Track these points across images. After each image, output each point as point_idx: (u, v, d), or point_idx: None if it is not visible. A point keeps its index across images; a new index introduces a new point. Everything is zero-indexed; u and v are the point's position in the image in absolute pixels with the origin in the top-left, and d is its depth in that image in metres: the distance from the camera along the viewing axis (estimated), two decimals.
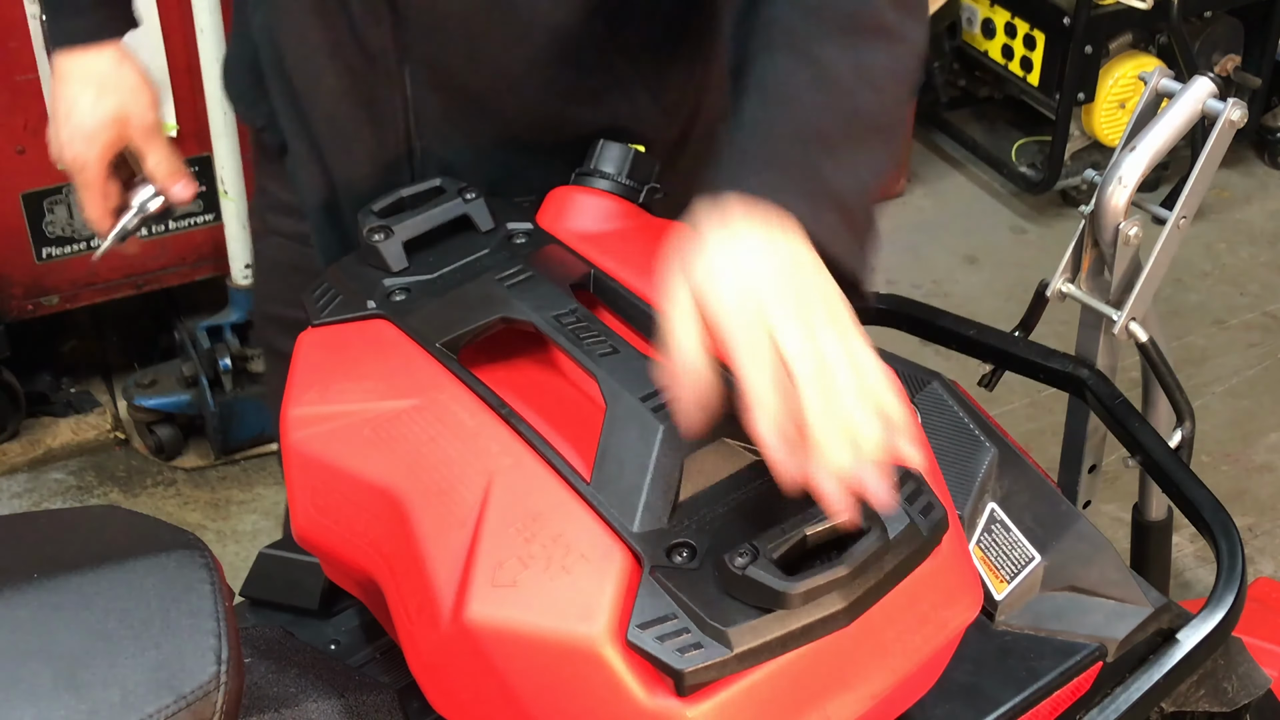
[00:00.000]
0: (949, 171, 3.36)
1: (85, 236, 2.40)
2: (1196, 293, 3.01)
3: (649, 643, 0.88)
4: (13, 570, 0.88)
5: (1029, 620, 1.22)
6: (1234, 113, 1.47)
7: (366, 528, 1.02)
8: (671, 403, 0.94)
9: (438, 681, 0.97)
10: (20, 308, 2.43)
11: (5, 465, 2.53)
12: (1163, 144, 1.49)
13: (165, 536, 0.93)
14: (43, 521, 0.98)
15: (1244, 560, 1.25)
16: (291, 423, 1.06)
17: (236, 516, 2.47)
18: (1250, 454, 2.64)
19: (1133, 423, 1.38)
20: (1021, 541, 1.24)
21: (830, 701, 0.94)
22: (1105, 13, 2.97)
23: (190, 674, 0.84)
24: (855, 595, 0.90)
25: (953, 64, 3.33)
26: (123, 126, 1.43)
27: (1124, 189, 1.50)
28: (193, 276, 2.53)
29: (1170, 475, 1.33)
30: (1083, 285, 1.57)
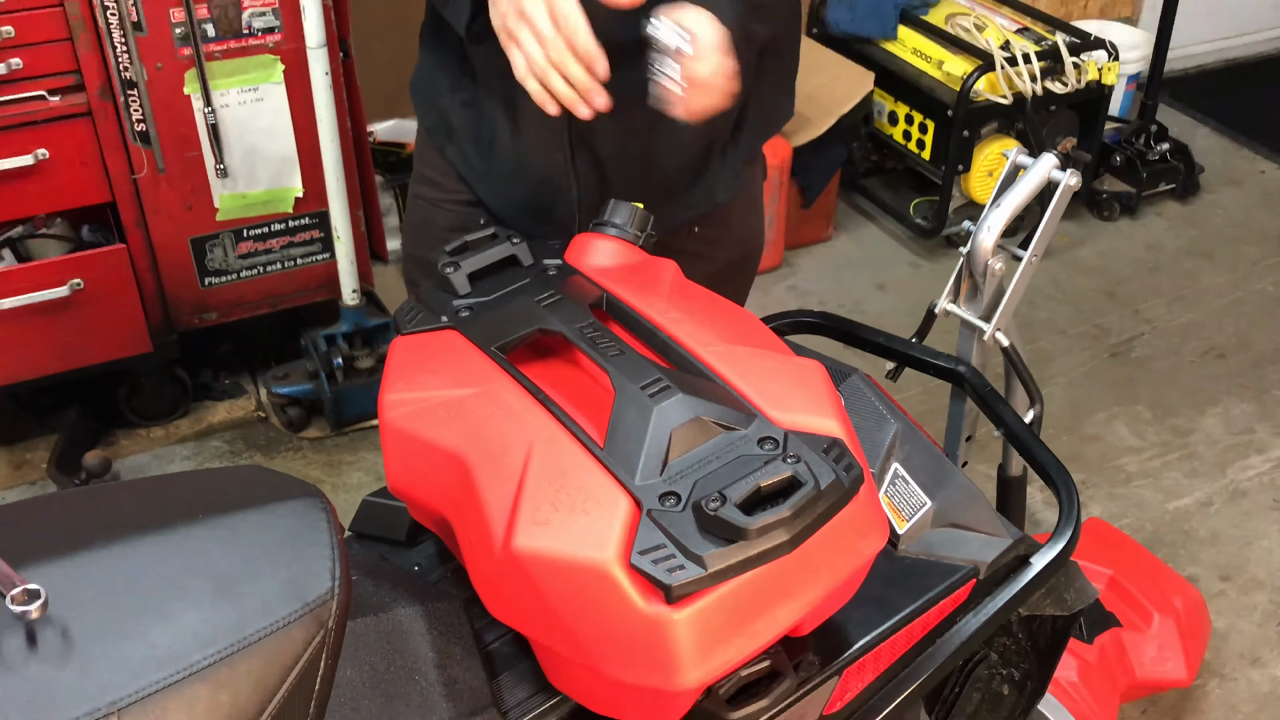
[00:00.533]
0: (865, 223, 3.36)
1: (236, 269, 2.41)
2: (1044, 310, 3.01)
3: (646, 565, 0.88)
4: (185, 511, 0.89)
5: (922, 548, 1.22)
6: (1072, 180, 1.48)
7: (440, 481, 1.02)
8: None
9: (492, 594, 0.97)
10: (189, 321, 2.44)
11: (178, 436, 2.54)
12: (1020, 202, 1.49)
13: (294, 487, 0.94)
14: (205, 477, 0.99)
15: (1079, 505, 1.26)
16: (386, 405, 1.06)
17: (346, 473, 2.47)
18: (1083, 428, 2.64)
19: (998, 405, 1.39)
20: (917, 491, 1.24)
21: (778, 607, 0.94)
22: (977, 107, 2.97)
23: (312, 587, 0.84)
24: (796, 530, 0.91)
25: (867, 144, 3.33)
26: None
27: (991, 234, 1.50)
28: (314, 299, 2.54)
29: (1025, 443, 1.34)
30: (961, 305, 1.57)
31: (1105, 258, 3.24)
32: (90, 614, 0.79)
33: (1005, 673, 1.40)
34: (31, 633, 0.76)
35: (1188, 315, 3.02)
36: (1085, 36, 3.09)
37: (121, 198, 2.24)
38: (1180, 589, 1.91)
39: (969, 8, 3.21)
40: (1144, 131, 3.41)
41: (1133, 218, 3.40)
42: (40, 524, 0.89)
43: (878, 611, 1.14)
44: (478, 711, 1.00)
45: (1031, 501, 2.27)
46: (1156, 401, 2.72)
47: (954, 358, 1.47)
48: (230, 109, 2.24)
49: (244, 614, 0.81)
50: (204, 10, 2.13)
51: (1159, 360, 2.86)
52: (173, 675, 0.76)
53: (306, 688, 0.83)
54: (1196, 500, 2.46)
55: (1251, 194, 3.54)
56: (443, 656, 1.03)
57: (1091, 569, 1.87)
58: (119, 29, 2.08)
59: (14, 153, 2.11)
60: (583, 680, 0.99)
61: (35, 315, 2.21)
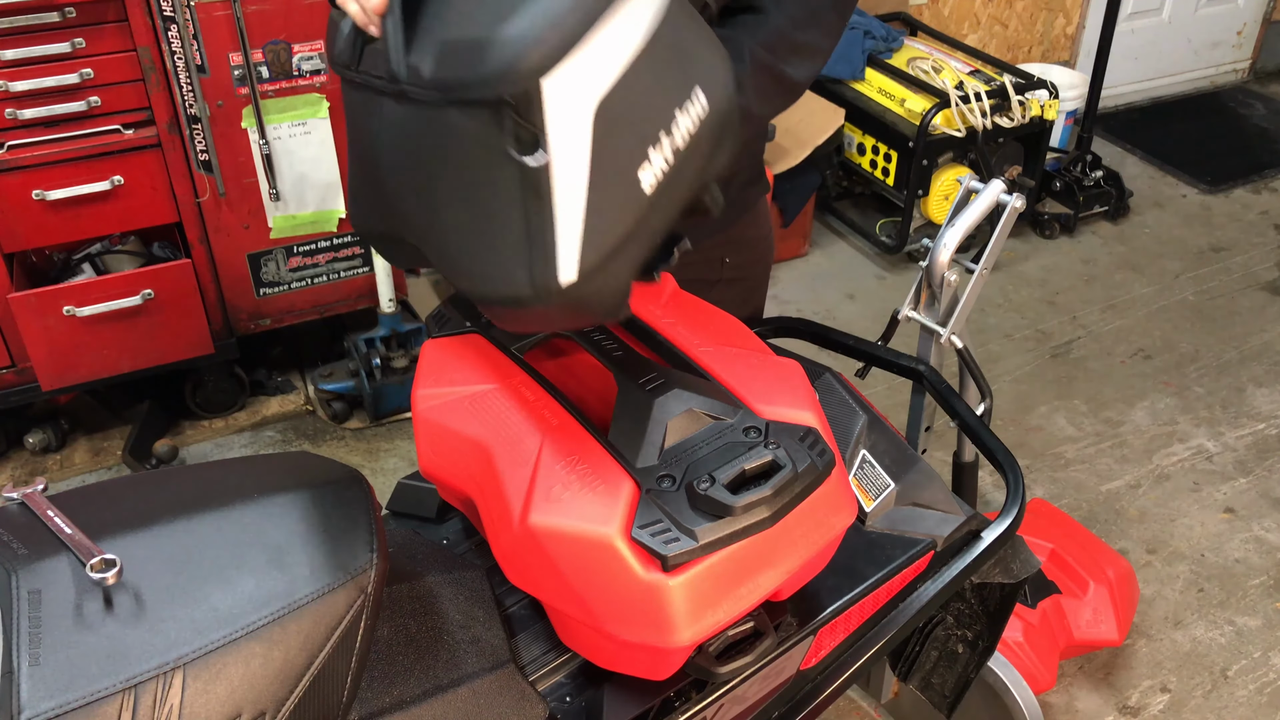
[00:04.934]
0: (836, 240, 3.35)
1: (287, 281, 2.41)
2: (994, 317, 3.01)
3: (645, 538, 0.88)
4: (242, 492, 0.89)
5: (887, 524, 1.22)
6: (1017, 202, 1.47)
7: (465, 466, 1.02)
8: None
9: (511, 564, 0.98)
10: (246, 327, 2.43)
11: (236, 427, 2.53)
12: (972, 222, 1.49)
13: (338, 471, 0.94)
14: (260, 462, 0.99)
15: (1024, 487, 1.26)
16: (419, 399, 1.06)
17: (383, 459, 2.46)
18: (1027, 420, 2.63)
19: (953, 399, 1.38)
20: (882, 474, 1.23)
21: (760, 575, 0.94)
22: (935, 139, 2.97)
23: (353, 558, 0.84)
24: (776, 507, 0.90)
25: (839, 171, 3.32)
26: None
27: (948, 250, 1.49)
28: (355, 307, 2.53)
29: (977, 433, 1.34)
30: (921, 311, 1.57)
31: (1047, 271, 3.23)
32: (159, 580, 0.79)
33: (960, 633, 1.40)
34: (108, 596, 0.76)
35: (1119, 321, 3.01)
36: (1029, 77, 3.09)
37: (187, 218, 2.24)
38: (1112, 560, 1.91)
39: (927, 52, 3.21)
40: (1080, 160, 3.41)
41: (1071, 236, 3.39)
42: (116, 502, 0.89)
43: (848, 579, 1.14)
44: (498, 666, 1.00)
45: (982, 484, 2.27)
46: (1091, 396, 2.72)
47: (914, 358, 1.47)
48: (282, 141, 2.24)
49: (294, 581, 0.81)
50: (259, 55, 2.13)
51: (1093, 360, 2.85)
52: (232, 634, 0.77)
53: (348, 645, 0.83)
54: (1126, 483, 2.46)
55: (1174, 215, 3.53)
56: (467, 618, 1.03)
57: (1035, 543, 1.86)
58: (185, 71, 2.08)
59: (93, 179, 2.11)
60: (590, 639, 0.98)
61: (112, 321, 2.21)
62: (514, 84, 0.76)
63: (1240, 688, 1.99)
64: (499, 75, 0.76)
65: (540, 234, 0.80)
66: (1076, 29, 3.95)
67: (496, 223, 0.81)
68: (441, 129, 0.81)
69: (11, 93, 1.98)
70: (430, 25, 0.81)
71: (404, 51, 0.81)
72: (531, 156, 0.77)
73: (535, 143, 0.77)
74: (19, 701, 0.69)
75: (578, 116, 0.79)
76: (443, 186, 0.84)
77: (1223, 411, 2.68)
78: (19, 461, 2.42)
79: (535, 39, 0.75)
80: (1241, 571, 2.23)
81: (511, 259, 0.82)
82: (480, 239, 0.83)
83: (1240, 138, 4.00)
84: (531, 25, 0.76)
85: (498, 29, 0.76)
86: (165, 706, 0.73)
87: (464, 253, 0.85)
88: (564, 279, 0.81)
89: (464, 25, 0.78)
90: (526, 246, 0.81)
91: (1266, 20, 4.35)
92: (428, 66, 0.79)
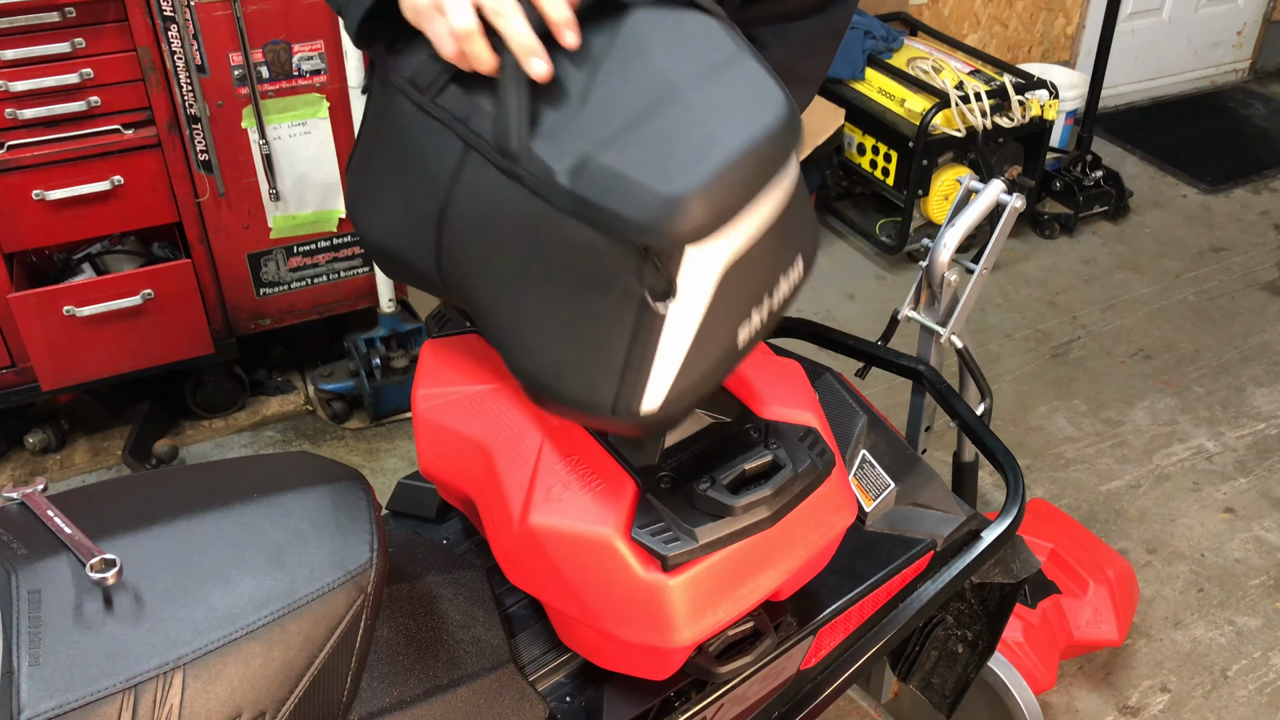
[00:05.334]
0: (837, 240, 3.35)
1: (287, 281, 2.41)
2: (994, 316, 3.01)
3: (645, 538, 0.88)
4: (242, 492, 0.89)
5: (887, 524, 1.22)
6: (1017, 203, 1.47)
7: (466, 466, 1.02)
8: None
9: (511, 563, 0.98)
10: (246, 327, 2.43)
11: (236, 427, 2.53)
12: (972, 222, 1.49)
13: (338, 471, 0.94)
14: (260, 461, 0.99)
15: (1024, 487, 1.26)
16: (419, 399, 1.06)
17: (383, 459, 2.46)
18: (1027, 420, 2.63)
19: (953, 399, 1.38)
20: (882, 474, 1.23)
21: (760, 575, 0.94)
22: (935, 139, 2.97)
23: (354, 557, 0.84)
24: (775, 508, 0.90)
25: (839, 171, 3.33)
26: None
27: (947, 250, 1.49)
28: (355, 307, 2.53)
29: (977, 433, 1.34)
30: (921, 311, 1.57)
31: (1047, 271, 3.23)
32: (159, 580, 0.79)
33: (960, 633, 1.40)
34: (108, 596, 0.76)
35: (1118, 321, 3.01)
36: (1029, 77, 3.09)
37: (187, 218, 2.24)
38: (1112, 560, 1.91)
39: (927, 52, 3.21)
40: (1080, 160, 3.41)
41: (1071, 236, 3.39)
42: (116, 502, 0.89)
43: (848, 579, 1.14)
44: (498, 666, 1.00)
45: (982, 484, 2.27)
46: (1091, 396, 2.72)
47: (914, 358, 1.47)
48: (282, 141, 2.24)
49: (294, 580, 0.81)
50: (259, 55, 2.13)
51: (1093, 360, 2.85)
52: (231, 634, 0.76)
53: (348, 645, 0.83)
54: (1126, 483, 2.46)
55: (1174, 215, 3.53)
56: (468, 618, 1.03)
57: (1035, 543, 1.86)
58: (185, 71, 2.08)
59: (93, 179, 2.11)
60: (590, 639, 0.98)
61: (112, 321, 2.21)
62: (667, 243, 0.75)
63: (1240, 688, 1.99)
64: (655, 229, 0.74)
65: (637, 366, 0.81)
66: (1076, 29, 3.95)
67: (591, 339, 0.81)
68: (557, 233, 0.78)
69: (11, 93, 1.98)
70: (564, 121, 0.78)
71: (526, 133, 0.78)
72: (661, 303, 0.77)
73: (667, 292, 0.78)
74: (19, 701, 0.69)
75: (706, 276, 0.79)
76: (534, 279, 0.81)
77: (1223, 411, 2.68)
78: (19, 461, 2.42)
79: (703, 211, 0.74)
80: (1241, 571, 2.23)
81: (598, 375, 0.82)
82: (565, 344, 0.82)
83: (1240, 138, 4.00)
84: (702, 192, 0.74)
85: (665, 184, 0.73)
86: (165, 706, 0.73)
87: (538, 346, 0.83)
88: (645, 409, 0.83)
89: (619, 150, 0.75)
90: (619, 372, 0.81)
91: (1267, 20, 4.35)
92: (564, 173, 0.76)
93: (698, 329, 0.81)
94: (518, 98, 0.78)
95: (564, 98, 0.79)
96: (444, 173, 0.84)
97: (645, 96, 0.78)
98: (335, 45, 2.17)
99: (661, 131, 0.76)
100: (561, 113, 0.78)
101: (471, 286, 0.87)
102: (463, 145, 0.82)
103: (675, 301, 0.79)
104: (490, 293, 0.85)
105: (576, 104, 0.78)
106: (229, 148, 2.19)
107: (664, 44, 0.81)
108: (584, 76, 0.79)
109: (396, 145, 0.88)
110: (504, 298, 0.84)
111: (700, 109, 0.77)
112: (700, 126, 0.76)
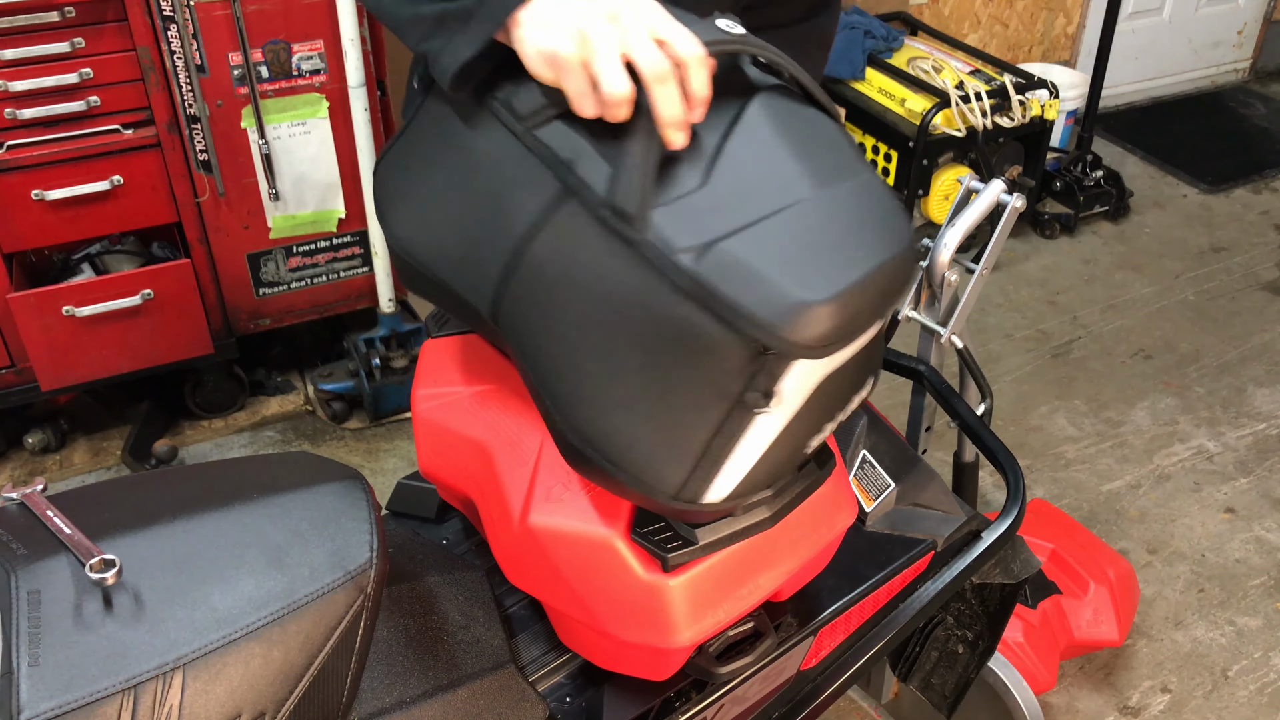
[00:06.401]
0: None
1: (286, 281, 2.41)
2: (994, 316, 3.01)
3: (646, 539, 0.88)
4: (242, 492, 0.88)
5: (887, 525, 1.22)
6: (1017, 203, 1.47)
7: (465, 466, 1.02)
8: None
9: (511, 564, 0.98)
10: (245, 327, 2.43)
11: (236, 427, 2.53)
12: (972, 222, 1.49)
13: (338, 471, 0.93)
14: (260, 462, 0.98)
15: (1024, 487, 1.26)
16: (418, 399, 1.06)
17: (383, 459, 2.46)
18: (1028, 420, 2.63)
19: (953, 400, 1.38)
20: (883, 475, 1.23)
21: (760, 575, 0.94)
22: (935, 139, 2.97)
23: (353, 558, 0.84)
24: (776, 508, 0.90)
25: None
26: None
27: (948, 250, 1.50)
28: (355, 306, 2.53)
29: (977, 433, 1.34)
30: (921, 311, 1.57)
31: (1047, 271, 3.23)
32: (159, 580, 0.79)
33: (960, 634, 1.40)
34: (107, 597, 0.76)
35: (1119, 321, 3.01)
36: (1029, 77, 3.09)
37: (186, 218, 2.24)
38: (1113, 561, 1.91)
39: (927, 52, 3.21)
40: (1081, 160, 3.41)
41: (1071, 236, 3.39)
42: (115, 503, 0.89)
43: (848, 580, 1.14)
44: (498, 666, 1.00)
45: (982, 484, 2.27)
46: (1092, 397, 2.72)
47: (915, 358, 1.47)
48: (281, 140, 2.24)
49: (293, 581, 0.81)
50: (259, 55, 2.13)
51: (1094, 360, 2.85)
52: (231, 634, 0.76)
53: (348, 646, 0.83)
54: (1127, 483, 2.46)
55: (1174, 215, 3.53)
56: (467, 618, 1.03)
57: (1035, 543, 1.86)
58: (184, 71, 2.08)
59: (92, 179, 2.11)
60: (590, 639, 0.98)
61: (111, 321, 2.21)
62: (786, 349, 0.71)
63: (1241, 688, 1.99)
64: (779, 332, 0.70)
65: (713, 459, 0.79)
66: (1077, 29, 3.95)
67: (672, 424, 0.77)
68: (660, 309, 0.72)
69: (11, 93, 1.98)
70: (686, 195, 0.74)
71: (650, 199, 0.73)
72: (761, 407, 0.76)
73: (769, 396, 0.75)
74: (19, 701, 0.69)
75: (803, 387, 0.78)
76: (619, 348, 0.76)
77: (1223, 411, 2.68)
78: (18, 461, 2.42)
79: (830, 323, 0.71)
80: (1242, 572, 2.23)
81: (670, 459, 0.79)
82: (640, 421, 0.78)
83: (1240, 138, 4.00)
84: (834, 305, 0.71)
85: (799, 289, 0.71)
86: (165, 707, 0.73)
87: (607, 416, 0.79)
88: (709, 500, 0.82)
89: (748, 240, 0.72)
90: (694, 461, 0.79)
91: (1267, 20, 4.35)
92: (687, 251, 0.71)
93: (777, 436, 0.80)
94: (646, 160, 0.73)
95: (688, 171, 0.75)
96: (528, 212, 0.78)
97: (774, 192, 0.74)
98: (335, 45, 2.17)
99: (793, 233, 0.73)
100: (684, 186, 0.74)
101: (535, 337, 0.81)
102: (559, 187, 0.76)
103: (772, 407, 0.77)
104: (559, 350, 0.80)
105: (700, 181, 0.75)
106: (228, 148, 2.19)
107: (792, 140, 0.78)
108: (707, 152, 0.76)
109: (465, 162, 0.83)
110: (577, 359, 0.79)
111: (833, 218, 0.74)
112: (834, 236, 0.73)
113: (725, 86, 0.79)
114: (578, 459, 0.84)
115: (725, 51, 0.76)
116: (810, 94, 0.83)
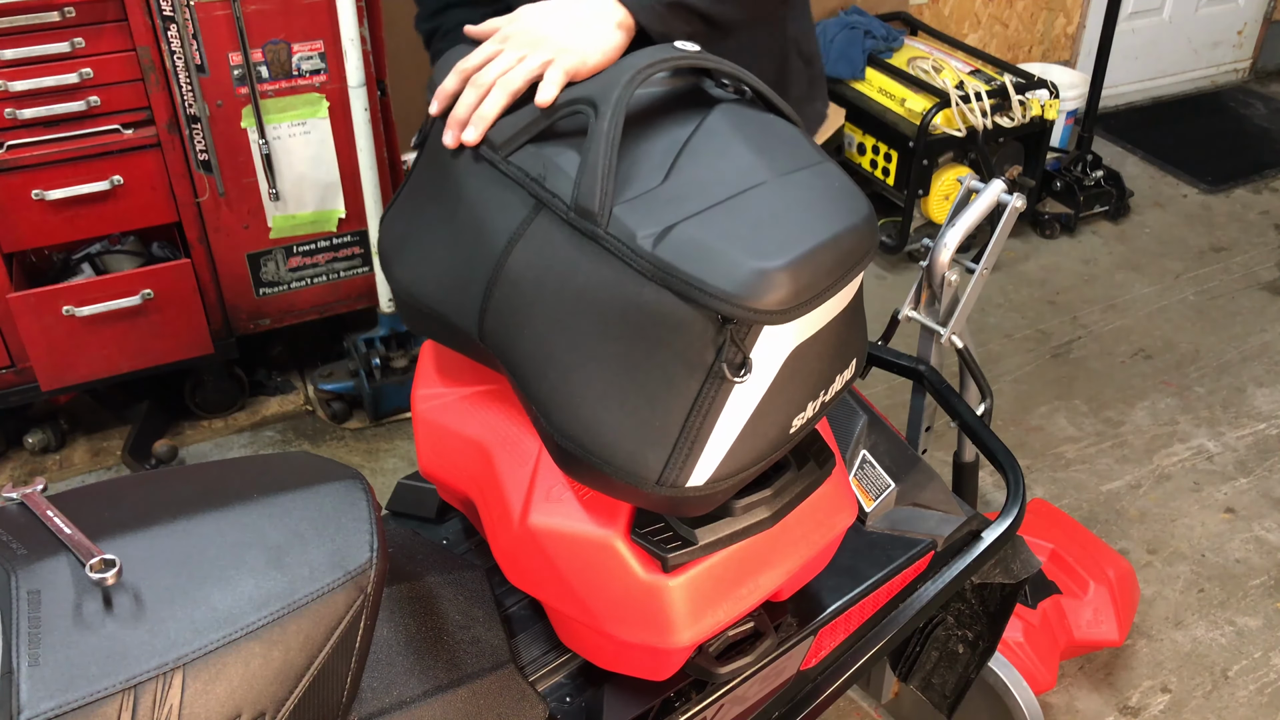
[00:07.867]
0: None
1: (287, 281, 2.41)
2: (994, 316, 3.01)
3: (645, 539, 0.88)
4: (242, 492, 0.89)
5: (887, 524, 1.22)
6: (1018, 202, 1.48)
7: (465, 466, 1.02)
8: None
9: (511, 564, 0.98)
10: (245, 327, 2.43)
11: (236, 427, 2.53)
12: (972, 222, 1.49)
13: (338, 471, 0.93)
14: (260, 462, 0.98)
15: (1024, 487, 1.26)
16: (418, 399, 1.06)
17: (383, 459, 2.46)
18: (1028, 420, 2.63)
19: (953, 399, 1.39)
20: (883, 475, 1.24)
21: (760, 575, 0.94)
22: (935, 139, 2.97)
23: (353, 557, 0.84)
24: (776, 508, 0.91)
25: None
26: None
27: (948, 250, 1.50)
28: (355, 307, 2.53)
29: (978, 433, 1.34)
30: (921, 311, 1.57)
31: (1047, 271, 3.23)
32: (159, 580, 0.79)
33: (960, 634, 1.40)
34: (108, 597, 0.76)
35: (1119, 321, 3.01)
36: (1029, 77, 3.09)
37: (186, 218, 2.24)
38: (1112, 561, 1.91)
39: (927, 52, 3.21)
40: (1081, 160, 3.41)
41: (1071, 236, 3.39)
42: (115, 503, 0.89)
43: (848, 579, 1.14)
44: (498, 666, 1.00)
45: (982, 484, 2.27)
46: (1092, 396, 2.72)
47: (915, 358, 1.47)
48: (282, 140, 2.24)
49: (294, 581, 0.81)
50: (259, 55, 2.13)
51: (1094, 360, 2.85)
52: (231, 634, 0.76)
53: (348, 645, 0.83)
54: (1126, 483, 2.46)
55: (1174, 215, 3.53)
56: (467, 618, 1.03)
57: (1035, 543, 1.86)
58: (184, 71, 2.08)
59: (93, 179, 2.11)
60: (590, 639, 0.98)
61: (111, 321, 2.21)
62: (750, 315, 0.76)
63: (1241, 688, 1.99)
64: (740, 300, 0.75)
65: (692, 437, 0.81)
66: (1077, 29, 3.95)
67: (648, 406, 0.80)
68: (628, 297, 0.78)
69: (11, 92, 1.98)
70: (648, 192, 0.80)
71: (611, 196, 0.79)
72: (737, 377, 0.78)
73: (743, 366, 0.78)
74: (19, 701, 0.69)
75: (774, 356, 0.81)
76: (594, 342, 0.81)
77: (1223, 411, 2.68)
78: (18, 461, 2.42)
79: (788, 287, 0.75)
80: (1242, 572, 2.23)
81: (649, 443, 0.81)
82: (618, 408, 0.81)
83: (1240, 138, 4.00)
84: (790, 269, 0.75)
85: (755, 258, 0.75)
86: (165, 706, 0.73)
87: (587, 410, 0.82)
88: (691, 483, 0.83)
89: (706, 223, 0.77)
90: (672, 441, 0.81)
91: (1267, 20, 4.35)
92: (648, 237, 0.77)
93: (756, 407, 0.82)
94: (606, 162, 0.79)
95: (649, 172, 0.82)
96: (506, 228, 0.85)
97: (731, 181, 0.80)
98: (335, 45, 2.17)
99: (749, 213, 0.78)
100: (645, 184, 0.81)
101: (517, 345, 0.87)
102: (533, 203, 0.84)
103: (744, 377, 0.79)
104: (538, 352, 0.85)
105: (661, 179, 0.81)
106: (228, 147, 2.19)
107: (749, 138, 0.84)
108: (669, 156, 0.83)
109: (452, 200, 0.90)
110: (554, 358, 0.84)
111: (787, 199, 0.79)
112: (788, 213, 0.78)
113: (688, 101, 0.87)
114: (567, 460, 0.86)
115: (679, 66, 0.85)
116: (770, 102, 0.90)
